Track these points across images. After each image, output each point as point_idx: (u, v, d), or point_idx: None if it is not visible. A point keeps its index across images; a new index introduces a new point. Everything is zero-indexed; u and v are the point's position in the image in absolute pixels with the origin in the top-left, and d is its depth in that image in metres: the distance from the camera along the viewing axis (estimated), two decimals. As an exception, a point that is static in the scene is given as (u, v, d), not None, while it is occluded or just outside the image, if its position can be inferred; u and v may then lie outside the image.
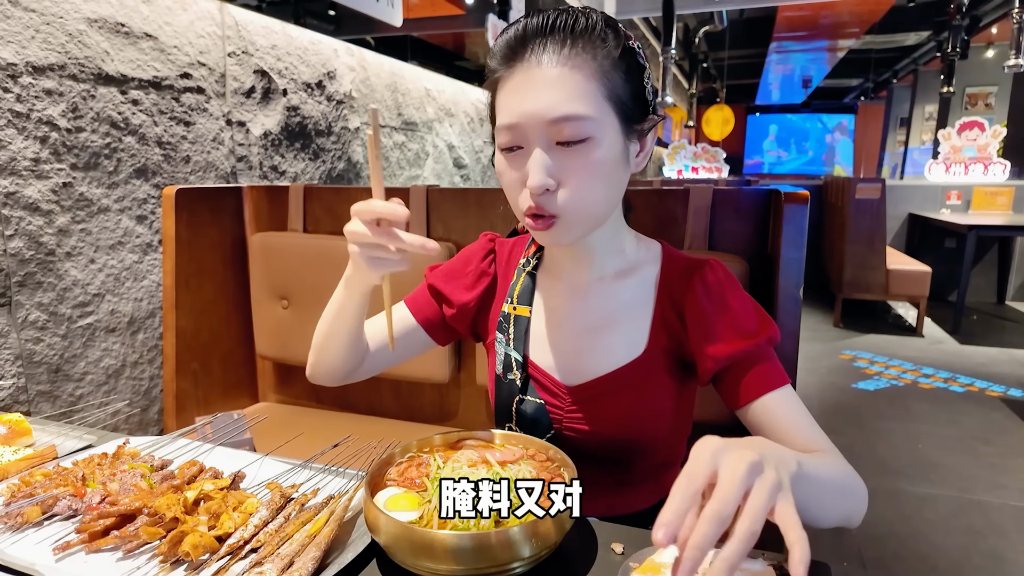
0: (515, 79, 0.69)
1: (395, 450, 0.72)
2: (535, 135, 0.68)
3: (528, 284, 0.87)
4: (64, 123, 1.32)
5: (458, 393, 1.55)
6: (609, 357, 0.79)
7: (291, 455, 0.86)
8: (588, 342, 0.81)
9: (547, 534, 0.57)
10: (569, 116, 0.66)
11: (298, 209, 1.60)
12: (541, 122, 0.66)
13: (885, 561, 1.90)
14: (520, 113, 0.67)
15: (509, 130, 0.69)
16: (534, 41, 0.68)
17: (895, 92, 12.88)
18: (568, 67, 0.66)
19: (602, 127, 0.68)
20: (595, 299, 0.81)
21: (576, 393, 0.81)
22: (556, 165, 0.68)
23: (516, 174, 0.71)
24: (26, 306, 1.29)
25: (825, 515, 0.61)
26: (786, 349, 1.08)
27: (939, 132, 5.63)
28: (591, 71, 0.67)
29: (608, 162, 0.69)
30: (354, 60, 2.36)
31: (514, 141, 0.69)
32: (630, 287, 0.81)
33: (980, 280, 5.31)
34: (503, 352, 0.85)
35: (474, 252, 0.93)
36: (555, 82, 0.66)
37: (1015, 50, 4.08)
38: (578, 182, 0.68)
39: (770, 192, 1.20)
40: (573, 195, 0.69)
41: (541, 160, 0.67)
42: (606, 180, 0.70)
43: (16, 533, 0.66)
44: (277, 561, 0.58)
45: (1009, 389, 3.30)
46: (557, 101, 0.66)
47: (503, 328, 0.86)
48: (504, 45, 0.70)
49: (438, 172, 3.12)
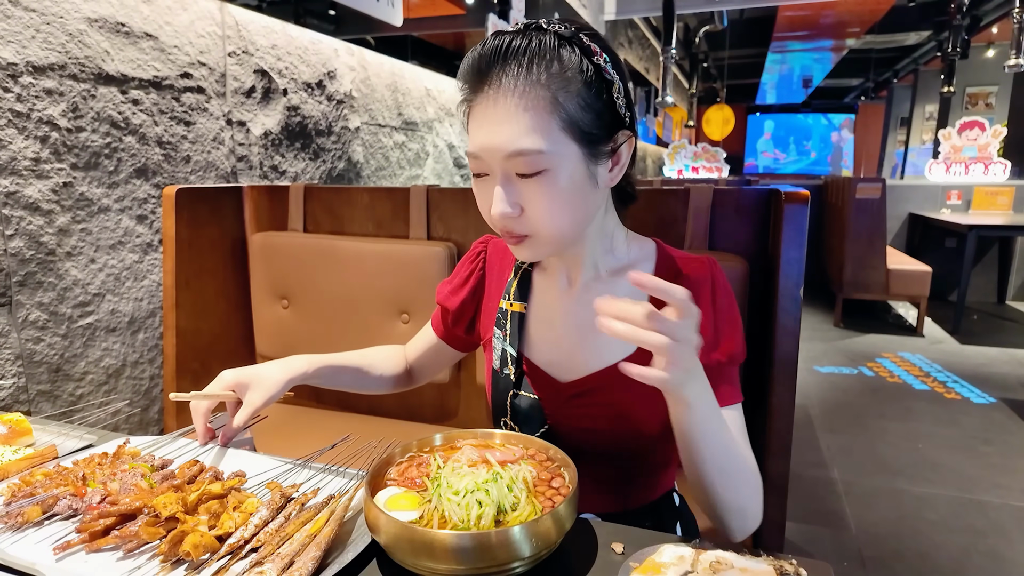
0: (478, 108, 0.70)
1: (395, 450, 0.72)
2: (495, 166, 0.69)
3: (524, 281, 0.88)
4: (64, 123, 1.32)
5: (458, 393, 1.55)
6: (602, 354, 0.80)
7: (291, 455, 0.86)
8: (581, 339, 0.82)
9: (547, 534, 0.57)
10: (521, 151, 0.66)
11: (298, 209, 1.60)
12: (499, 156, 0.68)
13: (885, 561, 1.90)
14: (480, 146, 0.69)
15: (474, 158, 0.71)
16: (491, 69, 0.67)
17: (895, 92, 12.87)
18: (521, 99, 0.66)
19: (558, 158, 0.67)
20: (588, 296, 0.82)
21: (569, 389, 0.82)
22: (518, 192, 0.69)
23: (486, 198, 0.73)
24: (26, 306, 1.29)
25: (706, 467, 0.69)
26: (786, 349, 1.08)
27: (939, 132, 5.62)
28: (545, 102, 0.66)
29: (568, 190, 0.69)
30: (354, 60, 2.36)
31: (479, 169, 0.72)
32: (623, 284, 0.81)
33: (980, 280, 5.31)
34: (500, 347, 0.87)
35: (465, 257, 0.97)
36: (510, 116, 0.66)
37: (1015, 50, 4.08)
38: (540, 210, 0.69)
39: (770, 192, 1.20)
40: (537, 220, 0.70)
41: (500, 192, 0.69)
42: (569, 206, 0.71)
43: (16, 533, 0.66)
44: (277, 561, 0.58)
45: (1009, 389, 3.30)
46: (511, 136, 0.66)
47: (500, 324, 0.88)
48: (467, 71, 0.70)
49: (438, 172, 3.12)
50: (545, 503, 0.62)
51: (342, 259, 1.51)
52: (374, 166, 2.55)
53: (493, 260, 0.94)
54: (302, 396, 1.71)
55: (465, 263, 0.96)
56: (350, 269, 1.50)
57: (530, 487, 0.64)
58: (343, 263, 1.51)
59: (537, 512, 0.60)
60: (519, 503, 0.61)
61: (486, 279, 0.94)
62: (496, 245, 0.95)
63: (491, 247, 0.95)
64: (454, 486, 0.61)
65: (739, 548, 0.61)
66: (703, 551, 0.59)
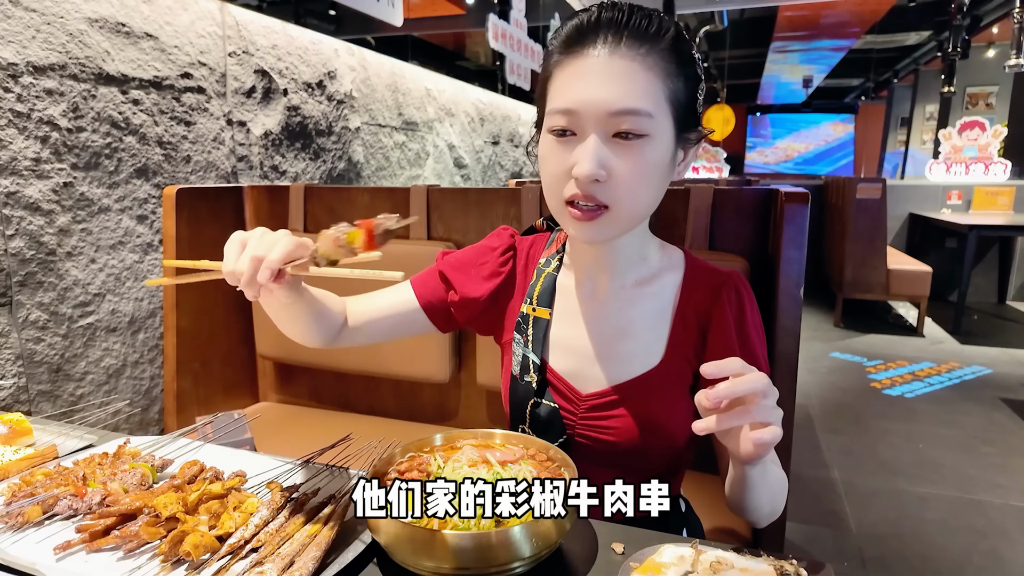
0: (580, 65, 0.68)
1: (395, 450, 0.72)
2: (592, 123, 0.67)
3: (548, 286, 0.86)
4: (65, 123, 1.32)
5: (458, 393, 1.55)
6: (626, 366, 0.79)
7: (291, 455, 0.86)
8: (606, 349, 0.80)
9: (547, 534, 0.57)
10: (633, 110, 0.66)
11: (299, 209, 1.60)
12: (602, 111, 0.66)
13: (886, 561, 1.89)
14: (581, 100, 0.67)
15: (565, 114, 0.68)
16: (607, 32, 0.67)
17: (896, 92, 12.86)
18: (638, 63, 0.66)
19: (660, 127, 0.68)
20: (615, 306, 0.81)
21: (590, 400, 0.80)
22: (609, 156, 0.67)
23: (563, 160, 0.69)
24: (27, 306, 1.29)
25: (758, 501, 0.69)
26: (787, 349, 1.08)
27: (940, 132, 5.62)
28: (659, 72, 0.67)
29: (659, 163, 0.69)
30: (354, 60, 2.36)
31: (568, 126, 0.68)
32: (650, 295, 0.81)
33: (981, 280, 5.30)
34: (521, 353, 0.85)
35: (493, 247, 0.91)
36: (623, 75, 0.66)
37: (1016, 50, 4.08)
38: (629, 177, 0.68)
39: (770, 192, 1.20)
40: (622, 189, 0.68)
41: (593, 149, 0.66)
42: (654, 180, 0.70)
43: (17, 533, 0.66)
44: (277, 561, 0.58)
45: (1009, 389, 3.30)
46: (624, 93, 0.66)
47: (521, 328, 0.86)
48: (573, 29, 0.70)
49: (439, 172, 3.12)
50: (545, 503, 0.62)
51: (342, 259, 1.51)
52: (374, 166, 2.55)
53: (519, 261, 0.91)
54: (302, 396, 1.71)
55: (492, 255, 0.90)
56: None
57: (530, 487, 0.64)
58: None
59: (537, 512, 0.60)
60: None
61: (516, 279, 0.90)
62: (521, 243, 0.92)
63: (517, 245, 0.92)
64: (454, 486, 0.61)
65: (739, 548, 0.61)
66: (703, 551, 0.59)
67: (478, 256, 0.91)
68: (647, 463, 0.81)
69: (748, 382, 0.57)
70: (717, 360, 0.73)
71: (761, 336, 0.79)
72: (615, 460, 0.80)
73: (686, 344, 0.79)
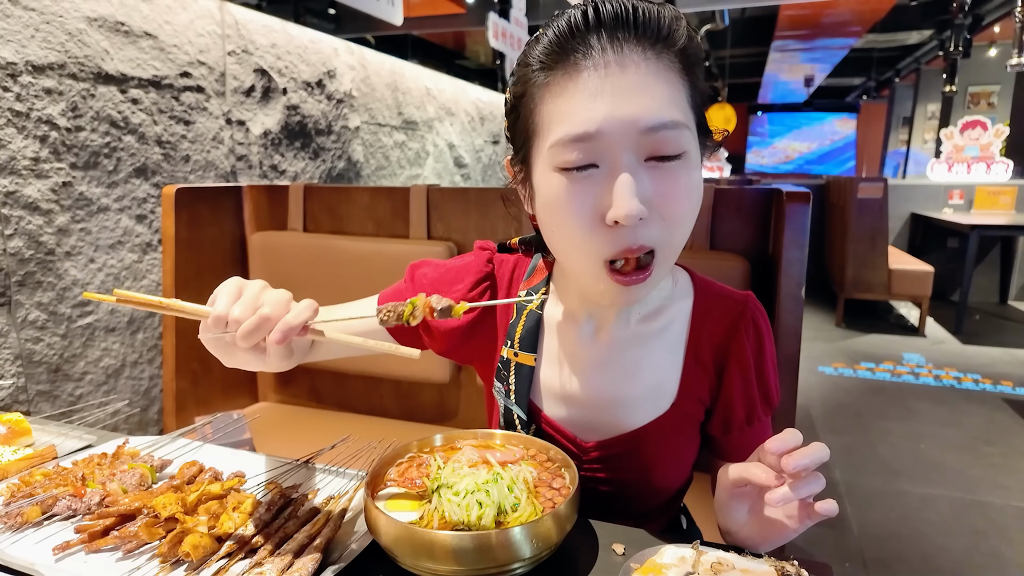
0: (585, 79, 0.54)
1: (395, 450, 0.71)
2: (622, 147, 0.54)
3: (532, 325, 0.73)
4: (64, 122, 1.32)
5: (458, 393, 1.55)
6: (634, 413, 0.71)
7: (291, 455, 0.85)
8: (610, 396, 0.71)
9: (548, 535, 0.57)
10: (669, 123, 0.53)
11: (298, 208, 1.60)
12: (632, 130, 0.53)
13: (887, 562, 1.89)
14: (601, 119, 0.53)
15: (581, 143, 0.54)
16: (604, 35, 0.55)
17: (897, 91, 12.85)
18: (655, 69, 0.55)
19: (691, 141, 0.56)
20: (618, 346, 0.70)
21: (595, 451, 0.73)
22: (647, 188, 0.54)
23: (589, 204, 0.55)
24: (26, 305, 1.28)
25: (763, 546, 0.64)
26: (788, 349, 1.07)
27: (941, 131, 5.61)
28: (678, 73, 0.56)
29: (698, 185, 0.57)
30: (354, 59, 2.36)
31: (587, 158, 0.54)
32: (658, 332, 0.70)
33: (982, 280, 5.30)
34: (503, 405, 0.75)
35: (467, 270, 0.78)
36: (645, 85, 0.53)
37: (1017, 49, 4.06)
38: (675, 210, 0.55)
39: (772, 191, 1.19)
40: (670, 227, 0.56)
41: (630, 183, 0.53)
42: (696, 207, 0.58)
43: (16, 533, 0.66)
44: (277, 561, 0.58)
45: (1013, 388, 3.29)
46: (650, 106, 0.53)
47: (502, 376, 0.74)
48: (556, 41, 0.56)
49: (439, 171, 3.12)
50: (546, 504, 0.62)
51: (342, 259, 1.51)
52: (374, 165, 2.55)
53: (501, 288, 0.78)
54: (302, 396, 1.70)
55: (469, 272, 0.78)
56: (350, 269, 1.50)
57: (530, 488, 0.63)
58: (343, 263, 1.51)
59: (538, 513, 0.60)
60: (519, 504, 0.61)
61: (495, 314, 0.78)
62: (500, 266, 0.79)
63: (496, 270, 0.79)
64: (454, 487, 0.61)
65: (740, 549, 0.61)
66: (704, 552, 0.59)
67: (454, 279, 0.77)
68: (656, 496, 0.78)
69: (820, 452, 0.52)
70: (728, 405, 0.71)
71: (775, 367, 0.73)
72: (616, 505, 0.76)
73: (700, 383, 0.71)
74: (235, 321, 0.55)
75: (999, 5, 6.74)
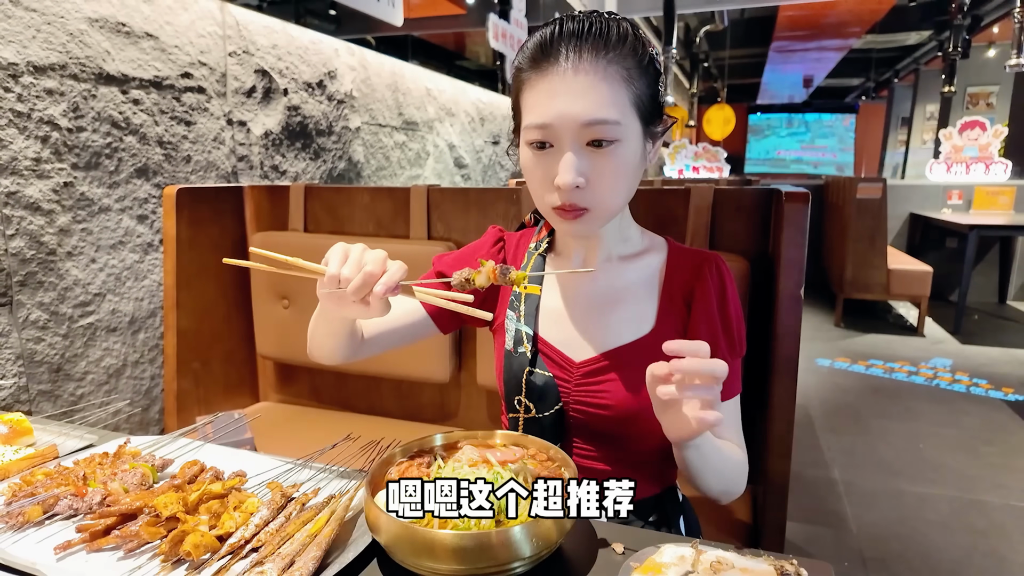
0: (548, 82, 0.73)
1: (395, 450, 0.72)
2: (567, 136, 0.72)
3: (539, 265, 0.91)
4: (65, 123, 1.32)
5: (458, 393, 1.55)
6: (617, 333, 0.84)
7: (291, 455, 0.86)
8: (596, 319, 0.85)
9: (548, 534, 0.57)
10: (602, 120, 0.71)
11: (299, 209, 1.60)
12: (575, 124, 0.71)
13: (886, 561, 1.89)
14: (556, 114, 0.72)
15: (540, 129, 0.73)
16: (569, 45, 0.72)
17: (896, 92, 12.85)
18: (602, 75, 0.71)
19: (628, 131, 0.73)
20: (603, 278, 0.86)
21: (583, 367, 0.84)
22: (587, 163, 0.73)
23: (544, 171, 0.76)
24: (27, 306, 1.29)
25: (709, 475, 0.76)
26: (787, 349, 1.07)
27: (940, 132, 5.62)
28: (622, 79, 0.72)
29: (631, 162, 0.75)
30: (355, 60, 2.36)
31: (545, 139, 0.74)
32: (636, 269, 0.87)
33: (981, 280, 5.30)
34: (514, 328, 0.89)
35: (483, 242, 0.98)
36: (591, 87, 0.71)
37: (1016, 50, 4.07)
38: (605, 181, 0.74)
39: (771, 192, 1.20)
40: (601, 192, 0.74)
41: (572, 160, 0.72)
42: (628, 178, 0.77)
43: (17, 532, 0.66)
44: (278, 561, 0.58)
45: (1012, 391, 3.30)
46: (591, 106, 0.71)
47: (514, 306, 0.91)
48: (536, 47, 0.74)
49: (439, 171, 3.12)
50: (546, 503, 0.62)
51: (343, 259, 1.51)
52: (374, 166, 2.55)
53: (508, 250, 0.97)
54: (303, 396, 1.71)
55: (483, 247, 0.97)
56: (351, 269, 1.50)
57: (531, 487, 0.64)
58: (344, 263, 1.51)
59: (538, 512, 0.60)
60: (519, 503, 0.61)
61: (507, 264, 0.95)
62: (510, 237, 0.98)
63: (507, 238, 0.98)
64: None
65: (740, 548, 0.61)
66: (704, 551, 0.59)
67: (471, 252, 0.97)
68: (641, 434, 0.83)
69: (713, 364, 0.61)
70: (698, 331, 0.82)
71: (740, 315, 0.84)
72: (611, 429, 0.84)
73: (674, 316, 0.84)
74: (346, 279, 0.68)
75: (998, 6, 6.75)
